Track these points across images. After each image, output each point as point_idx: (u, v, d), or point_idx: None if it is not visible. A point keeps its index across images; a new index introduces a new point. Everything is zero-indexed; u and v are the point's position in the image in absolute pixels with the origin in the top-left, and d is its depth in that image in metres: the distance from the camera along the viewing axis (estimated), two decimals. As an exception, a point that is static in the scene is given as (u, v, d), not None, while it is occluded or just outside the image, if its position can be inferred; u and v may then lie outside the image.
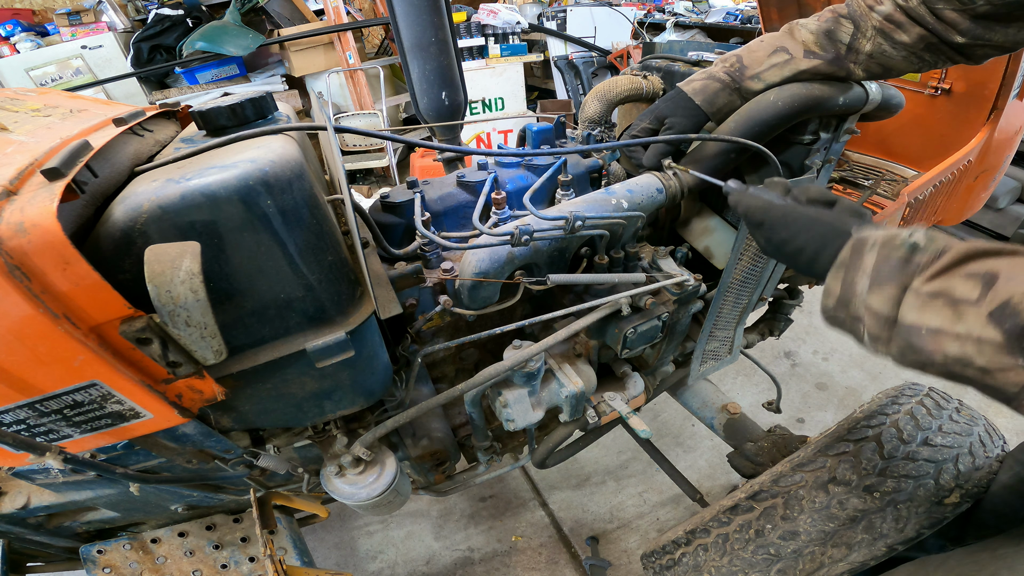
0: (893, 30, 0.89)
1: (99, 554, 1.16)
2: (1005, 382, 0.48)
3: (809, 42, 0.96)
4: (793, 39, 0.98)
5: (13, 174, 0.52)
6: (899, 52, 0.91)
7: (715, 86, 1.01)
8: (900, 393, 1.15)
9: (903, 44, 0.90)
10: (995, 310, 0.47)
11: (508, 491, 2.09)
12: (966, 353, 0.49)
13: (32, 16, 4.39)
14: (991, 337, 0.47)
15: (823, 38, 0.95)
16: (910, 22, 0.88)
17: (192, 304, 0.52)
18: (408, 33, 1.71)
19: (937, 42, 0.88)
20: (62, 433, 0.63)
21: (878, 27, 0.90)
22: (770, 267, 1.23)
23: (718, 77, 1.01)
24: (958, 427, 1.04)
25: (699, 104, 1.01)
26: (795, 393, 2.38)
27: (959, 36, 0.85)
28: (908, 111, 1.33)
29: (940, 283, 0.52)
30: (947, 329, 0.50)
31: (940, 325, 0.51)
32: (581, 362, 1.12)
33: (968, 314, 0.49)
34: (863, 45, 0.93)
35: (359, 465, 0.91)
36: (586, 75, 4.47)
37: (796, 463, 1.09)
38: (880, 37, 0.91)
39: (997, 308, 0.47)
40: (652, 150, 1.06)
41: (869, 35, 0.92)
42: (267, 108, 0.75)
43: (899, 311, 0.54)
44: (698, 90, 1.02)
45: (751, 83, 1.00)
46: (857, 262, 0.60)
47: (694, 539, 1.16)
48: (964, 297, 0.50)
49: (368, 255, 0.93)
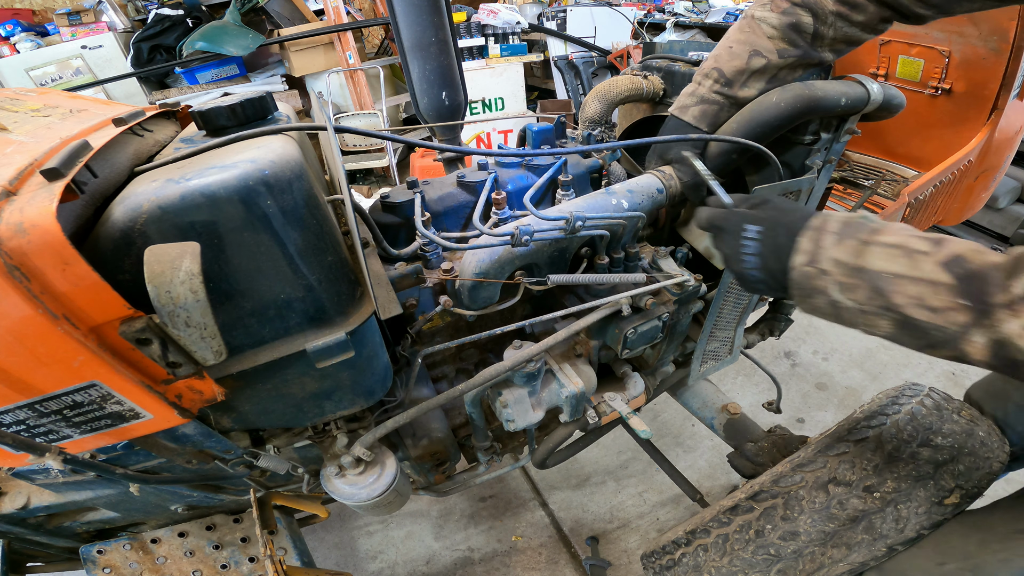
0: (850, 13, 0.92)
1: (99, 554, 1.16)
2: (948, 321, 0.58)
3: (776, 38, 0.97)
4: (760, 37, 0.98)
5: (13, 174, 0.52)
6: (858, 30, 0.95)
7: (714, 109, 1.02)
8: (900, 393, 1.15)
9: (860, 23, 0.94)
10: (948, 260, 0.58)
11: (508, 491, 2.09)
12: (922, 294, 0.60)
13: (32, 16, 4.39)
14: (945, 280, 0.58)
15: (788, 32, 0.96)
16: (867, 2, 0.91)
17: (192, 304, 0.52)
18: (408, 33, 1.71)
19: (892, 14, 0.92)
20: (62, 434, 0.63)
21: (835, 11, 0.93)
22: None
23: (712, 99, 1.02)
24: (959, 427, 1.04)
25: (706, 130, 1.04)
26: (795, 393, 2.38)
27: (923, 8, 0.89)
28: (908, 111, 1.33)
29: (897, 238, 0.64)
30: (906, 274, 0.61)
31: (900, 271, 0.61)
32: (581, 362, 1.12)
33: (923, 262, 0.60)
34: (826, 32, 0.95)
35: (359, 465, 0.91)
36: (586, 75, 4.47)
37: (796, 463, 1.09)
38: (840, 21, 0.94)
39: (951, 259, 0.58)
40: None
41: (829, 21, 0.94)
42: (267, 108, 0.75)
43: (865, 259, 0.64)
44: (699, 116, 1.03)
45: (741, 93, 1.01)
46: (823, 226, 0.71)
47: (694, 539, 1.16)
48: (919, 249, 0.61)
49: (368, 255, 0.93)
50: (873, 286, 0.63)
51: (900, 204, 1.56)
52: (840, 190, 1.80)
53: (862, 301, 0.65)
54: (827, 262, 0.68)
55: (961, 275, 0.57)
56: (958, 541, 0.93)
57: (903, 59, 1.85)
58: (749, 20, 0.99)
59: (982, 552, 0.88)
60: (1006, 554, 0.84)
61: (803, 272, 0.71)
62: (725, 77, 1.00)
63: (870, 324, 0.66)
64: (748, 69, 0.98)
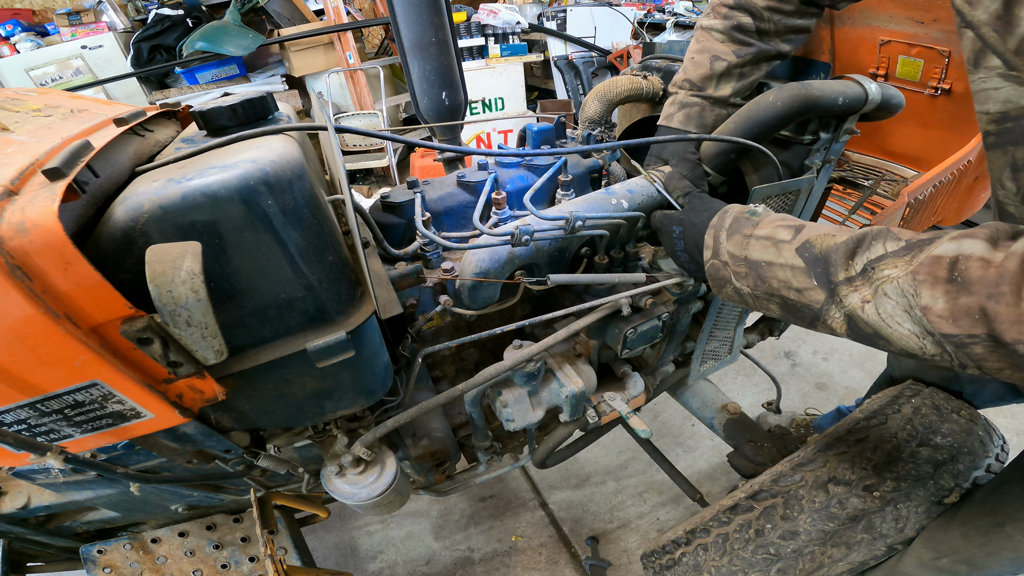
0: (780, 4, 0.98)
1: (99, 554, 1.16)
2: (810, 300, 0.66)
3: (727, 40, 1.02)
4: (714, 43, 1.03)
5: (14, 174, 0.52)
6: (795, 18, 1.01)
7: (696, 110, 1.07)
8: (900, 393, 1.15)
9: (792, 12, 0.99)
10: (800, 246, 0.67)
11: (508, 491, 2.09)
12: (787, 278, 0.68)
13: (32, 16, 4.38)
14: (799, 264, 0.66)
15: (735, 33, 1.01)
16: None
17: (193, 304, 0.52)
18: (408, 33, 1.71)
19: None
20: (63, 433, 0.63)
21: (766, 7, 0.98)
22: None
23: (692, 103, 1.07)
24: (958, 427, 1.05)
25: (695, 131, 1.07)
26: (795, 393, 2.38)
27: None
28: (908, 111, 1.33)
29: (767, 230, 0.73)
30: (775, 261, 0.70)
31: (771, 259, 0.70)
32: (581, 362, 1.12)
33: (784, 249, 0.69)
34: (767, 27, 1.00)
35: (359, 465, 0.91)
36: (586, 75, 4.47)
37: (796, 463, 1.09)
38: (775, 14, 0.99)
39: (802, 244, 0.67)
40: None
41: (766, 17, 0.99)
42: (267, 108, 0.75)
43: (748, 251, 0.74)
44: (684, 120, 1.08)
45: (717, 92, 1.05)
46: (720, 224, 0.81)
47: (694, 539, 1.16)
48: (782, 239, 0.70)
49: (368, 255, 0.93)
50: (757, 274, 0.72)
51: (900, 204, 1.56)
52: (840, 190, 1.80)
53: (752, 287, 0.74)
54: (724, 255, 0.78)
55: (809, 258, 0.65)
56: (941, 536, 0.94)
57: (903, 59, 1.85)
58: (700, 31, 1.06)
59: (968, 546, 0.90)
60: (991, 547, 0.86)
61: (712, 264, 0.81)
62: (695, 85, 1.06)
63: (765, 308, 0.75)
64: (713, 73, 1.04)
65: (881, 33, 1.86)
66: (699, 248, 0.84)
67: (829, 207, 1.79)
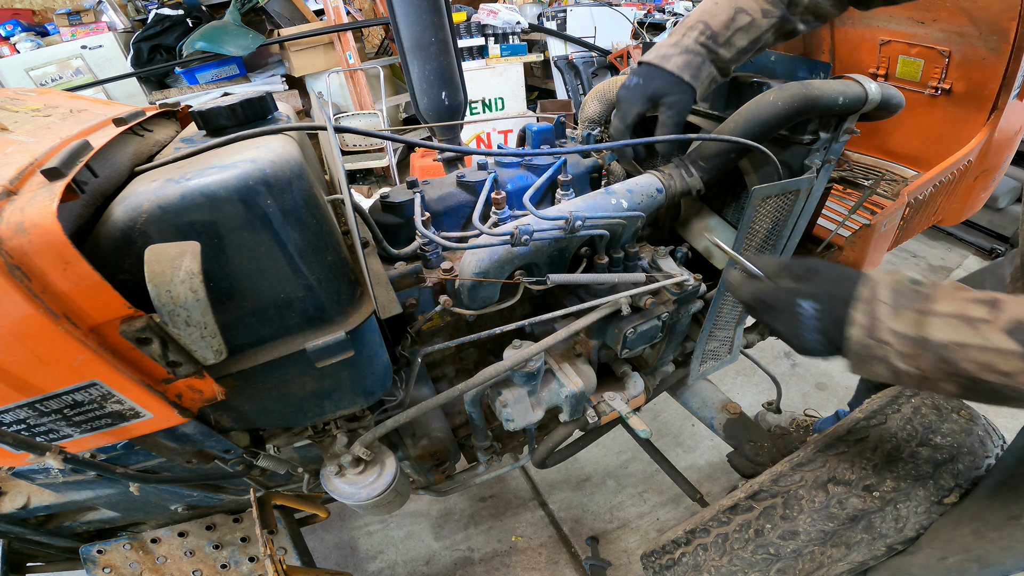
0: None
1: (99, 554, 1.16)
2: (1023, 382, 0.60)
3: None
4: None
5: (13, 174, 0.52)
6: (823, 2, 0.99)
7: (697, 60, 1.00)
8: (900, 393, 1.15)
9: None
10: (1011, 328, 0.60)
11: (508, 491, 2.09)
12: (991, 361, 0.61)
13: (32, 16, 4.39)
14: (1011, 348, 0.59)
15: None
16: None
17: (192, 304, 0.52)
18: (408, 33, 1.71)
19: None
20: (62, 433, 0.63)
21: None
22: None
23: (696, 51, 1.00)
24: (957, 427, 1.04)
25: (688, 81, 1.00)
26: (795, 393, 2.38)
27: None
28: (908, 111, 1.33)
29: (953, 306, 0.64)
30: (971, 343, 0.62)
31: (965, 340, 0.62)
32: (581, 362, 1.12)
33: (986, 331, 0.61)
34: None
35: (359, 465, 0.91)
36: (586, 75, 4.47)
37: (796, 463, 1.09)
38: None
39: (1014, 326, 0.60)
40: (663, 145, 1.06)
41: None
42: (267, 108, 0.75)
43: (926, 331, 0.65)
44: (682, 66, 1.00)
45: (724, 51, 1.00)
46: (874, 296, 0.70)
47: (694, 539, 1.16)
48: (979, 317, 0.62)
49: (368, 255, 0.93)
50: (938, 356, 0.64)
51: (900, 204, 1.56)
52: (839, 190, 1.80)
53: (926, 368, 0.65)
54: (886, 333, 0.67)
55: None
56: (950, 534, 0.93)
57: (903, 59, 1.85)
58: None
59: (981, 543, 0.89)
60: (1005, 542, 0.85)
61: (862, 343, 0.70)
62: (711, 30, 0.99)
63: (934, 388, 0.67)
64: (734, 25, 0.98)
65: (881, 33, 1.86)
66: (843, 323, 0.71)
67: (829, 207, 1.79)
